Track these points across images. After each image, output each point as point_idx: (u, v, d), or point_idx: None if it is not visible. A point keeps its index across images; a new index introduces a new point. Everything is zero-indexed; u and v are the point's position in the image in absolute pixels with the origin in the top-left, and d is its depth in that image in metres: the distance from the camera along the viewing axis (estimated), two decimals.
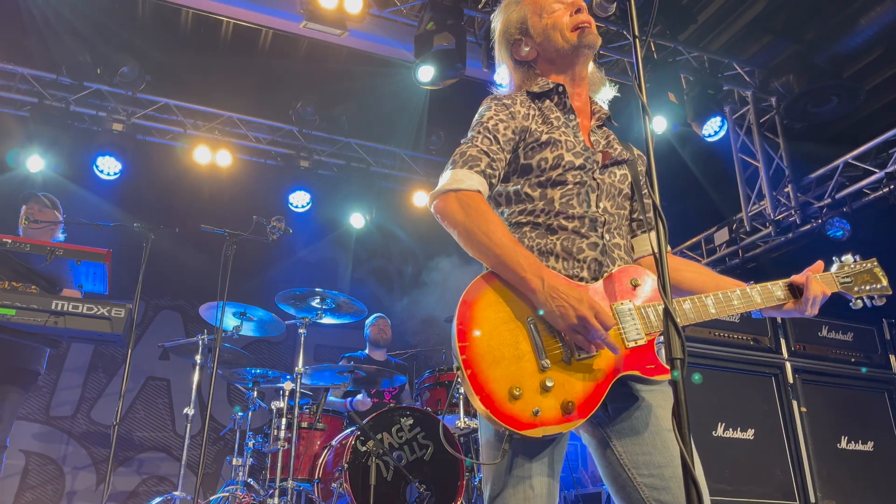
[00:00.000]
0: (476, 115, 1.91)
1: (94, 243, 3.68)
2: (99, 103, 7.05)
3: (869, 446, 4.57)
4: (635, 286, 1.73)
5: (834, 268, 2.02)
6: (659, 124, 6.49)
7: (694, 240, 7.67)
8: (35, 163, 6.57)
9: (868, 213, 6.32)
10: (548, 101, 1.95)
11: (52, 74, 6.75)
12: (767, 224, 6.90)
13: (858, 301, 1.97)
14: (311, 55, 6.82)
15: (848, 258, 2.02)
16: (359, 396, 5.25)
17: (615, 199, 1.88)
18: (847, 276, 1.99)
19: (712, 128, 6.54)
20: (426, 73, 5.68)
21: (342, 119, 7.70)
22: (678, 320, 1.64)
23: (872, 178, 6.22)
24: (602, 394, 1.60)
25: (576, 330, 1.58)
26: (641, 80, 1.53)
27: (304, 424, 4.70)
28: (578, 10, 1.96)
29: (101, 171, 6.92)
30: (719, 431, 4.22)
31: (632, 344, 1.65)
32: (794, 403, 4.48)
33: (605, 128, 2.02)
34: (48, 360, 4.45)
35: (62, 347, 6.58)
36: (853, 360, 4.82)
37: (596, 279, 1.75)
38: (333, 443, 4.53)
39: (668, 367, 1.59)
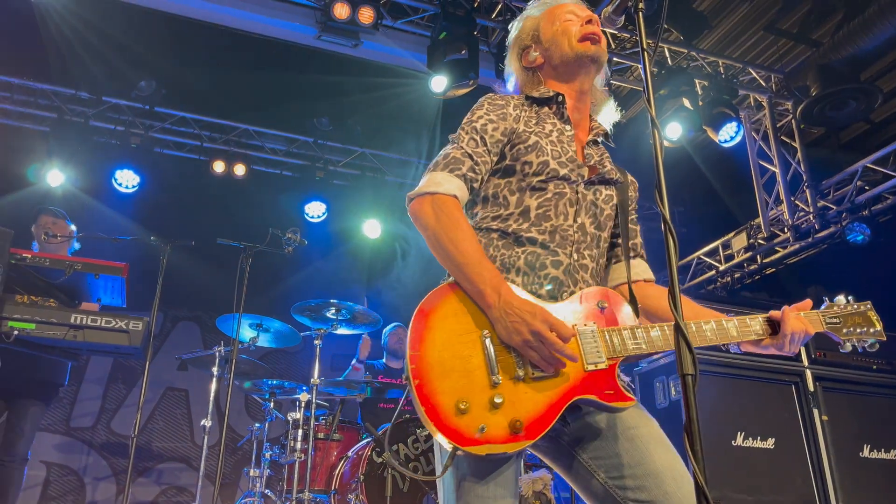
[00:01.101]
0: (468, 113, 1.89)
1: (113, 257, 3.73)
2: (117, 117, 7.15)
3: (892, 454, 4.49)
4: (602, 308, 1.68)
5: (823, 307, 1.94)
6: (674, 131, 6.45)
7: (711, 246, 7.61)
8: (55, 177, 6.67)
9: (888, 218, 6.24)
10: (546, 108, 1.93)
11: (71, 90, 6.86)
12: (786, 230, 6.83)
13: (847, 344, 1.88)
14: (326, 67, 6.86)
15: (840, 299, 1.94)
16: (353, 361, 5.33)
17: (595, 218, 1.83)
18: (835, 317, 1.90)
19: (728, 133, 6.49)
20: (439, 83, 5.70)
21: (357, 129, 7.75)
22: (642, 346, 1.64)
23: (892, 181, 6.15)
24: (554, 416, 1.54)
25: (530, 346, 1.53)
26: (650, 93, 1.53)
27: (321, 435, 4.71)
28: (589, 22, 1.96)
29: (120, 185, 7.02)
30: (739, 441, 4.18)
31: (591, 367, 1.59)
32: (815, 412, 4.42)
33: (600, 145, 2.00)
34: (70, 372, 4.51)
35: (82, 360, 6.66)
36: (875, 367, 4.75)
37: (554, 298, 1.69)
38: (350, 454, 4.53)
39: (629, 395, 1.60)
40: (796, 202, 6.82)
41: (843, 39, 5.93)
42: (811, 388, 4.47)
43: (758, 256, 7.16)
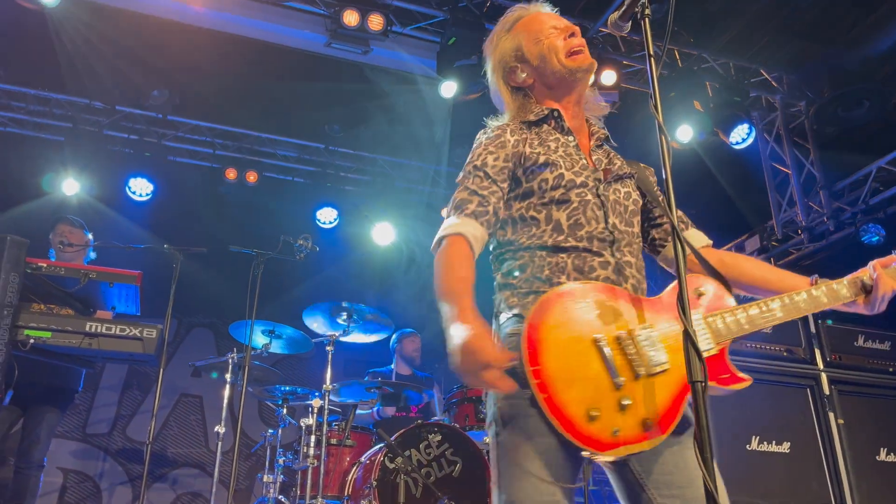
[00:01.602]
0: (470, 153, 1.91)
1: (127, 265, 3.76)
2: (131, 126, 7.22)
3: None
4: (699, 296, 1.74)
5: None
6: (685, 133, 6.43)
7: (724, 248, 7.56)
8: (70, 186, 6.75)
9: None
10: (545, 126, 1.94)
11: (85, 100, 6.94)
12: (800, 231, 6.78)
13: None
14: (336, 74, 6.90)
15: None
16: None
17: (622, 216, 1.85)
18: None
19: (739, 135, 6.46)
20: (449, 88, 5.72)
21: (367, 135, 7.78)
22: (745, 326, 1.71)
23: None
24: (680, 407, 1.58)
25: (467, 372, 1.48)
26: (657, 100, 1.53)
27: (334, 441, 4.72)
28: (572, 35, 1.97)
29: (134, 193, 7.09)
30: (754, 445, 4.14)
31: (704, 354, 1.66)
32: (831, 415, 4.37)
33: (604, 147, 2.01)
34: (84, 379, 4.55)
35: (97, 367, 6.71)
36: (892, 369, 4.69)
37: None
38: (362, 459, 4.54)
39: (743, 376, 1.67)
40: (810, 204, 6.77)
41: (856, 39, 5.88)
42: (827, 391, 4.43)
43: (772, 259, 7.11)
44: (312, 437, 4.47)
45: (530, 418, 1.56)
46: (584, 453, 1.49)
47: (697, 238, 2.02)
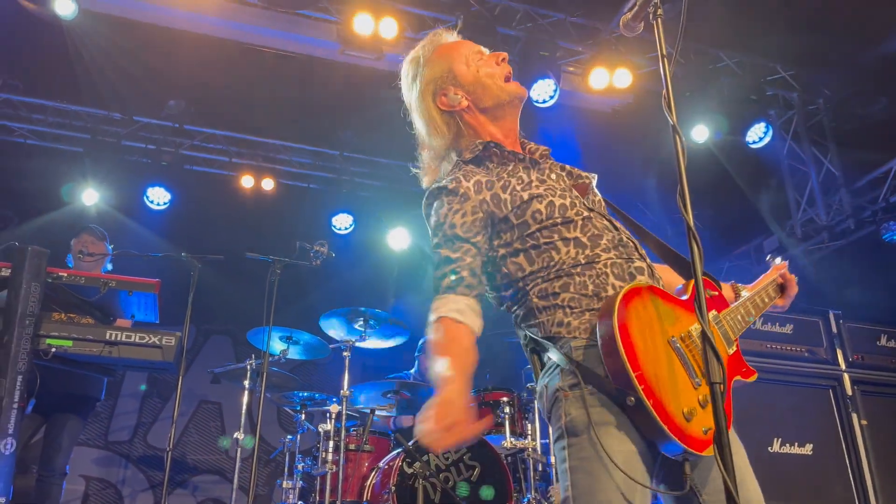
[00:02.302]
0: (431, 218, 1.85)
1: (146, 273, 3.80)
2: (148, 136, 7.30)
3: None
4: (711, 297, 1.84)
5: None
6: (700, 133, 6.38)
7: (743, 248, 7.50)
8: (90, 196, 6.83)
9: None
10: (489, 164, 1.86)
11: (103, 111, 7.02)
12: (820, 230, 6.70)
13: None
14: (349, 80, 6.93)
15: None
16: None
17: (618, 216, 1.90)
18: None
19: (756, 134, 6.40)
20: None
21: (381, 141, 7.79)
22: (753, 316, 1.89)
23: None
24: (731, 404, 1.62)
25: (432, 441, 1.48)
26: (671, 99, 1.52)
27: (352, 446, 4.72)
28: (503, 60, 1.96)
29: (152, 202, 7.16)
30: (776, 447, 4.10)
31: (731, 350, 1.75)
32: (854, 416, 4.32)
33: (551, 163, 1.95)
34: (106, 387, 4.59)
35: (118, 375, 6.78)
36: None
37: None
38: (381, 464, 4.54)
39: (753, 369, 1.80)
40: (830, 202, 6.69)
41: (873, 35, 5.82)
42: (849, 391, 4.37)
43: (792, 258, 7.03)
44: (331, 443, 4.48)
45: (617, 427, 1.53)
46: (682, 456, 1.48)
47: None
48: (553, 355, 1.65)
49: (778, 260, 2.22)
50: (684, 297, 1.72)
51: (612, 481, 1.49)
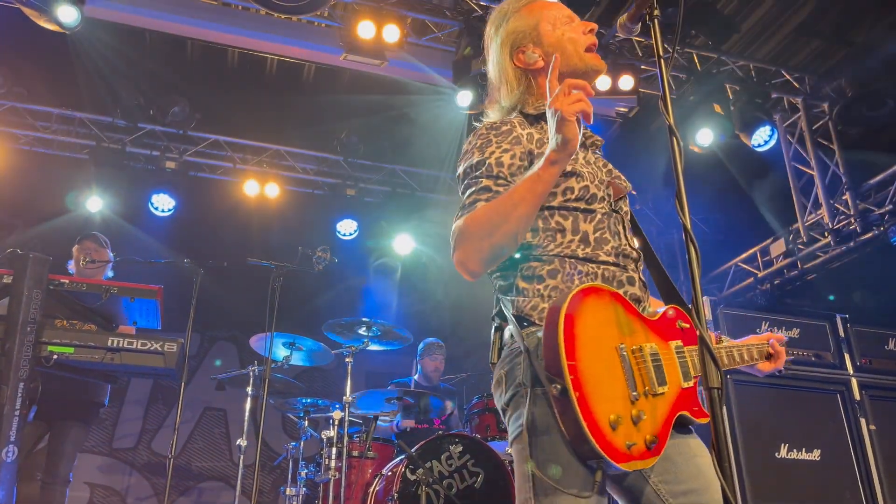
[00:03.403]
0: (471, 147, 1.77)
1: (150, 280, 3.80)
2: (153, 143, 7.32)
3: None
4: (682, 328, 1.70)
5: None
6: (705, 136, 6.35)
7: (749, 252, 7.44)
8: (94, 203, 6.85)
9: None
10: (545, 125, 1.74)
11: (108, 118, 7.05)
12: (826, 234, 6.65)
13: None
14: (353, 86, 6.94)
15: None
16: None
17: (631, 232, 1.84)
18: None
19: (762, 137, 6.36)
20: (465, 97, 5.72)
21: (386, 146, 7.80)
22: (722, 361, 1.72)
23: None
24: (668, 432, 1.54)
25: (579, 110, 1.51)
26: (668, 100, 1.50)
27: (355, 453, 4.71)
28: (592, 31, 1.90)
29: (156, 209, 7.18)
30: (783, 453, 4.05)
31: (686, 384, 1.62)
32: (862, 421, 4.27)
33: (598, 154, 1.92)
34: (111, 394, 4.59)
35: (121, 382, 6.78)
36: None
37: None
38: (384, 471, 4.51)
39: (707, 412, 1.57)
40: (836, 205, 6.64)
41: (878, 38, 5.78)
42: (857, 396, 4.33)
43: (798, 262, 6.98)
44: (334, 450, 4.46)
45: (556, 428, 1.49)
46: (597, 462, 1.43)
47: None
48: (517, 337, 1.62)
49: (776, 332, 2.17)
50: (653, 318, 1.68)
51: (565, 491, 1.48)
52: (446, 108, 6.25)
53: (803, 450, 4.10)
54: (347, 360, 4.72)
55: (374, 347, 4.96)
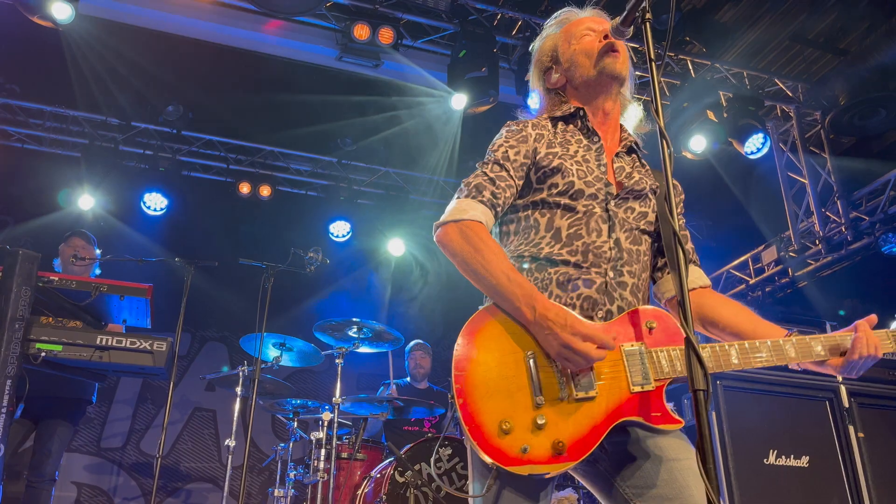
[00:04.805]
0: (495, 139, 1.92)
1: (140, 278, 3.78)
2: (146, 142, 7.30)
3: None
4: (651, 328, 1.66)
5: (894, 325, 1.86)
6: (698, 143, 6.38)
7: (740, 259, 7.47)
8: (86, 201, 6.82)
9: None
10: (570, 125, 1.93)
11: (101, 116, 7.02)
12: (817, 242, 6.68)
13: None
14: (348, 87, 6.94)
15: None
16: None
17: (631, 233, 1.81)
18: None
19: (754, 145, 6.39)
20: (460, 100, 5.72)
21: (380, 148, 7.80)
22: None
23: None
24: (598, 437, 1.54)
25: (564, 358, 1.55)
26: (658, 104, 1.50)
27: (344, 455, 4.69)
28: (607, 37, 1.91)
29: (149, 207, 7.15)
30: (771, 459, 4.06)
31: (636, 388, 1.58)
32: (851, 428, 4.28)
33: (633, 154, 1.95)
34: (98, 393, 4.55)
35: (110, 381, 6.75)
36: None
37: (589, 318, 1.68)
38: (373, 473, 4.50)
39: (677, 418, 1.57)
40: (827, 213, 6.67)
41: (871, 47, 5.82)
42: (846, 404, 4.34)
43: (789, 269, 7.01)
44: (323, 451, 4.44)
45: None
46: (488, 461, 1.49)
47: (695, 277, 1.92)
48: None
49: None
50: (605, 322, 1.67)
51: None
52: (441, 110, 6.26)
53: (792, 456, 4.10)
54: (338, 361, 4.70)
55: (365, 349, 4.94)
